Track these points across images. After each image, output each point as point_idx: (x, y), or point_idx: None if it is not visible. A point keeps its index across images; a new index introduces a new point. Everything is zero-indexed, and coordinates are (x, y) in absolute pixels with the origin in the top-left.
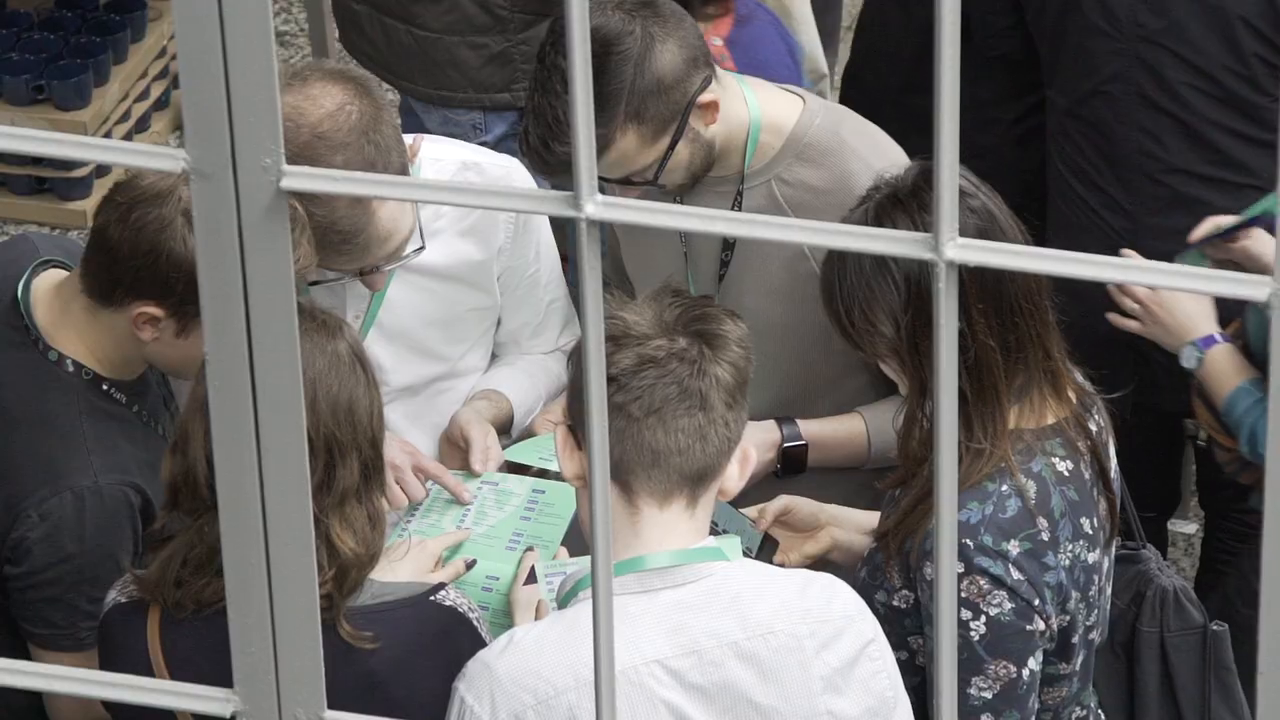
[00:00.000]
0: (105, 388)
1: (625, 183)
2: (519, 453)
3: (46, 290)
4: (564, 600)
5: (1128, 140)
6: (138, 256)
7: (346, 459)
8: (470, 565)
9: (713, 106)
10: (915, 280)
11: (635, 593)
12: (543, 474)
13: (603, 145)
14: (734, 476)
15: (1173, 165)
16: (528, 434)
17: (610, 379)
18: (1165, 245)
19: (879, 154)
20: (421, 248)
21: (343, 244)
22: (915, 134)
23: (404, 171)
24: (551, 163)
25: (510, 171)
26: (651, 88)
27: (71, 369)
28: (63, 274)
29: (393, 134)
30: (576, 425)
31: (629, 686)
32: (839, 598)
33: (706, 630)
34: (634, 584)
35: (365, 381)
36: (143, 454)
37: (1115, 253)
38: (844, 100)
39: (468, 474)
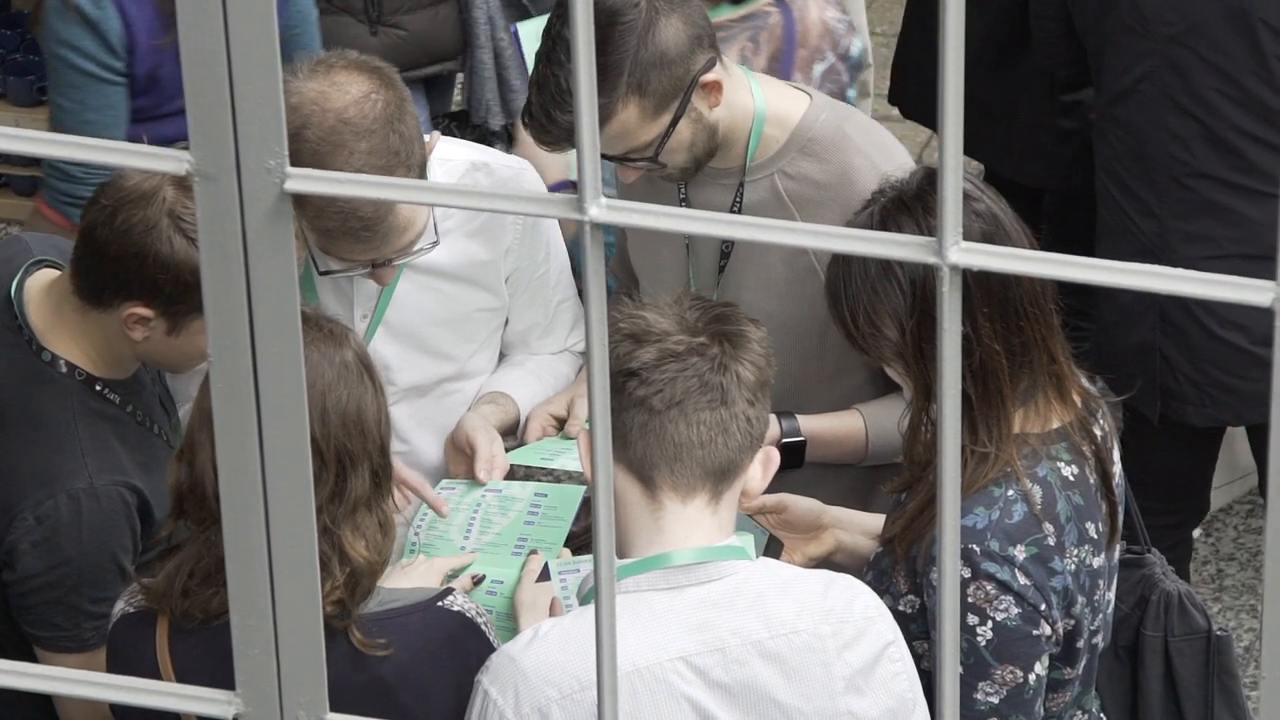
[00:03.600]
0: (98, 388)
1: (625, 160)
2: (521, 455)
3: (39, 290)
4: (587, 597)
5: (1157, 143)
6: (125, 258)
7: (358, 469)
8: (478, 582)
9: (716, 87)
10: (920, 284)
11: (661, 589)
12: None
13: (604, 116)
14: (757, 477)
15: (1199, 170)
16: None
17: (632, 373)
18: (1193, 251)
19: (883, 152)
20: (435, 242)
21: (363, 230)
22: (982, 124)
23: (424, 164)
24: (554, 132)
25: (520, 172)
26: (654, 60)
27: (65, 370)
28: (55, 274)
29: (415, 125)
30: None
31: (654, 682)
32: (860, 599)
33: (731, 628)
34: (660, 580)
35: (372, 389)
36: (137, 454)
37: (1147, 257)
38: (900, 94)
39: (471, 483)
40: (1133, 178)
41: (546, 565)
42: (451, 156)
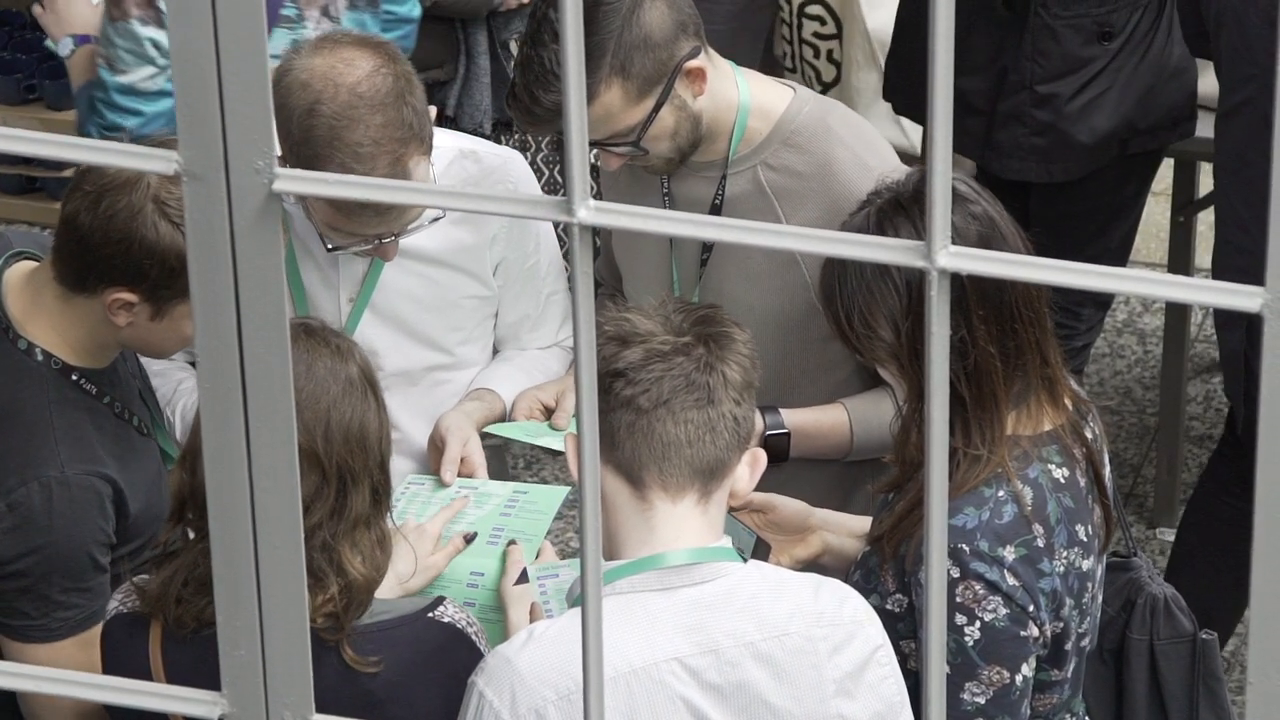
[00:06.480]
0: (75, 378)
1: (607, 145)
2: (507, 430)
3: (17, 279)
4: (577, 600)
5: (1254, 165)
6: (110, 244)
7: (359, 486)
8: (470, 539)
9: (700, 75)
10: (916, 286)
11: (655, 590)
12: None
13: (587, 97)
14: (744, 478)
15: None
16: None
17: (618, 373)
18: None
19: (866, 145)
20: (439, 217)
21: (383, 204)
22: (966, 118)
23: (432, 137)
24: (538, 113)
25: (507, 161)
26: (638, 43)
27: (40, 358)
28: (34, 264)
29: (423, 99)
30: None
31: (650, 683)
32: (849, 602)
33: (724, 630)
34: (654, 581)
35: (375, 404)
36: (113, 445)
37: (1249, 271)
38: (892, 89)
39: (438, 482)
40: (1235, 193)
41: (525, 570)
42: (439, 144)
